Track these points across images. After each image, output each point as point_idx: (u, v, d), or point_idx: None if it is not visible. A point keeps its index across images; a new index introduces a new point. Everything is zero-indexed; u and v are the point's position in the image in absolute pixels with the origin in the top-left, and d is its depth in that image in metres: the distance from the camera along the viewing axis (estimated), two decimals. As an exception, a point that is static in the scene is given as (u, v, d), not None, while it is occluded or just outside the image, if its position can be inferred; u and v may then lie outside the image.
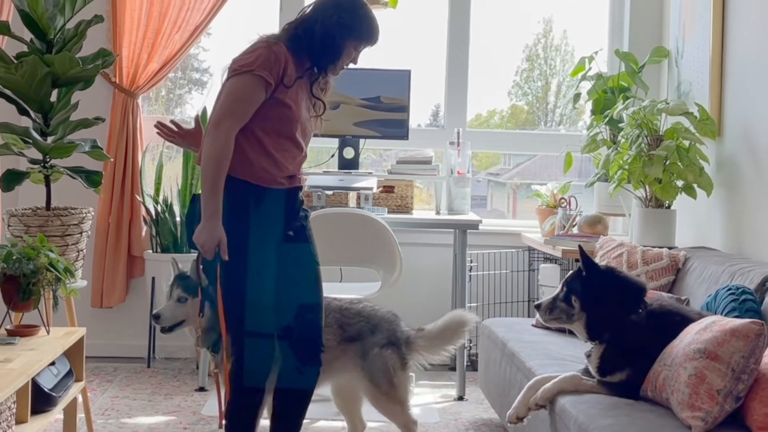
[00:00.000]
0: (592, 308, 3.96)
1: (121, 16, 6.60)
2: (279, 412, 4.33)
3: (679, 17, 6.35)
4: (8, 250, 4.58)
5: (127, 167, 6.59)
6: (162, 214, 6.55)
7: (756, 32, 5.34)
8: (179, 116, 7.12)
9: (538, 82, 7.62)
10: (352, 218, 5.67)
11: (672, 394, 3.55)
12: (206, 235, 3.95)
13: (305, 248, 4.29)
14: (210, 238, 3.95)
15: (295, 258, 4.23)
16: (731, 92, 5.62)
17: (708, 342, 3.49)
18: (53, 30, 5.29)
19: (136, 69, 6.61)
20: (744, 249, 5.33)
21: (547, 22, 7.46)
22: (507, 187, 7.89)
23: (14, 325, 4.72)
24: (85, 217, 5.38)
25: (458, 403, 5.90)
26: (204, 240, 3.96)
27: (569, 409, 3.73)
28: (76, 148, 5.34)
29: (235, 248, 4.01)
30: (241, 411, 4.22)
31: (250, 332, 4.16)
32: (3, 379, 3.75)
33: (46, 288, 4.59)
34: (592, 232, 6.10)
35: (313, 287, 4.32)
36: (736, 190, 5.49)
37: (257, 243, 4.12)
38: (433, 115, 7.36)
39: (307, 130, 4.24)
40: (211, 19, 6.66)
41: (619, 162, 5.71)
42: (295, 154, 4.18)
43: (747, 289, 4.23)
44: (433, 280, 6.88)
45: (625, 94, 6.34)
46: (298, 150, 4.18)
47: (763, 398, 3.36)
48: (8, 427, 3.98)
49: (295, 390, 4.29)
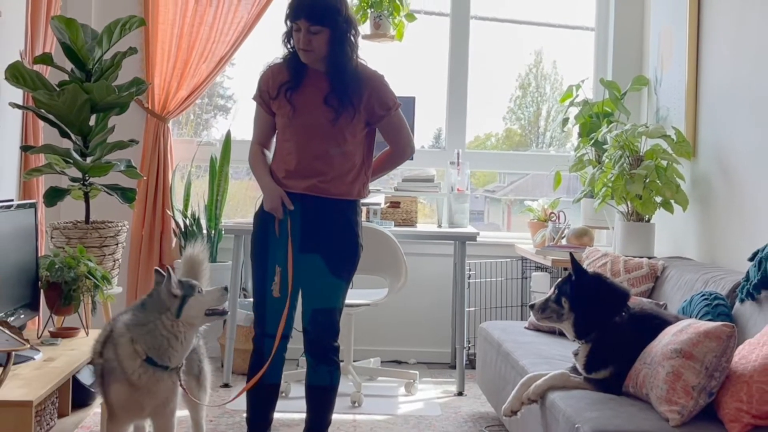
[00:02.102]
0: (580, 310, 3.95)
1: (153, 48, 6.62)
2: (308, 406, 4.33)
3: (657, 49, 6.36)
4: (51, 259, 4.60)
5: (159, 185, 6.60)
6: (190, 227, 6.55)
7: (727, 64, 5.35)
8: (205, 139, 7.12)
9: (530, 108, 7.62)
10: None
11: (651, 390, 3.55)
12: (267, 198, 4.15)
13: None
14: (271, 199, 4.13)
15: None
16: (705, 117, 5.62)
17: (684, 343, 3.49)
18: (92, 60, 5.31)
19: (166, 96, 6.63)
20: (716, 259, 5.33)
21: (538, 53, 7.47)
22: (502, 202, 7.88)
23: (56, 327, 4.74)
24: (120, 229, 5.40)
25: (458, 398, 5.89)
26: (269, 202, 4.14)
27: (558, 404, 3.73)
28: (113, 168, 5.37)
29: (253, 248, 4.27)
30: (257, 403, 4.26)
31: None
32: (46, 376, 3.77)
33: (86, 294, 4.61)
34: (579, 243, 6.10)
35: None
36: (709, 205, 5.49)
37: (259, 240, 4.25)
38: (436, 137, 7.36)
39: (313, 119, 4.13)
40: (235, 50, 6.67)
41: (603, 180, 5.71)
42: (290, 150, 4.16)
43: (719, 295, 4.23)
44: (436, 286, 6.89)
45: (609, 118, 6.33)
46: (295, 147, 4.16)
47: (734, 394, 3.36)
48: (51, 419, 3.99)
49: (316, 386, 4.30)
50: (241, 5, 6.65)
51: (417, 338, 6.94)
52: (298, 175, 4.15)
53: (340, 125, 4.11)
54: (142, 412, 3.79)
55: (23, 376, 3.74)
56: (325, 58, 4.09)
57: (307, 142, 4.13)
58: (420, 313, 6.91)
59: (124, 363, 3.65)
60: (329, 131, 4.11)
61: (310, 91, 4.14)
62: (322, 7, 4.02)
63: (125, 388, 3.67)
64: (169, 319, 3.67)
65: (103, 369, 3.73)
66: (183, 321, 3.69)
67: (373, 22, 6.66)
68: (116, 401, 3.70)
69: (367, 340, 6.82)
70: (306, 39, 4.03)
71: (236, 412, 5.24)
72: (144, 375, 3.66)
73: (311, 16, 4.00)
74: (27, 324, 4.66)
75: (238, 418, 5.18)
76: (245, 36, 6.66)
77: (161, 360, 3.68)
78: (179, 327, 3.69)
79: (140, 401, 3.71)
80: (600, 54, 7.12)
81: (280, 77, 4.18)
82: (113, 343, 3.70)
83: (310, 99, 4.13)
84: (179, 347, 3.72)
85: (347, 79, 4.10)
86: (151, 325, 3.66)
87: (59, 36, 5.23)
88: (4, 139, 5.40)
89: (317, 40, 4.03)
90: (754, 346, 3.50)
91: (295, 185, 4.15)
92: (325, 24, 4.01)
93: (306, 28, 4.01)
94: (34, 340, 4.46)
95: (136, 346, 3.65)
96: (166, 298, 3.68)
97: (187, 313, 3.69)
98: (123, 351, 3.66)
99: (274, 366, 4.22)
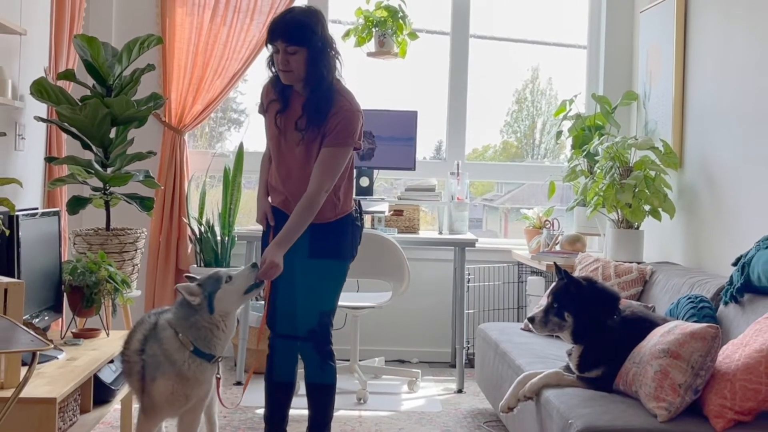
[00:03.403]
0: (579, 319, 3.95)
1: (170, 65, 6.63)
2: (309, 403, 4.32)
3: (646, 66, 6.36)
4: (74, 264, 4.61)
5: (175, 194, 6.60)
6: (205, 234, 6.56)
7: (711, 80, 5.35)
8: (219, 150, 7.13)
9: (526, 121, 7.62)
10: (367, 237, 5.65)
11: (640, 388, 3.55)
12: (257, 212, 4.40)
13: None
14: (257, 214, 4.39)
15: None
16: (691, 130, 5.63)
17: (671, 343, 3.49)
18: (112, 77, 5.32)
19: (182, 110, 6.64)
20: (702, 264, 5.33)
21: (534, 70, 7.47)
22: (499, 210, 7.87)
23: (79, 328, 4.74)
24: (139, 236, 5.41)
25: (458, 395, 5.88)
26: (257, 216, 4.39)
27: (553, 401, 3.73)
28: (132, 178, 5.38)
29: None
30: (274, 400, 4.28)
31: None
32: (69, 375, 3.78)
33: (106, 297, 4.61)
34: (572, 249, 6.11)
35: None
36: (695, 213, 5.49)
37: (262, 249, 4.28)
38: (437, 149, 7.36)
39: (288, 140, 4.13)
40: (247, 67, 6.69)
41: (595, 189, 5.71)
42: (274, 165, 4.24)
43: (704, 298, 4.23)
44: (437, 290, 6.88)
45: (600, 131, 6.33)
46: (276, 163, 4.22)
47: (718, 391, 3.36)
48: (74, 416, 4.00)
49: (316, 384, 4.31)
50: (253, 25, 6.66)
51: (419, 339, 6.94)
52: (275, 190, 4.26)
53: (306, 147, 4.08)
54: (186, 404, 3.79)
55: (47, 375, 3.75)
56: (303, 79, 4.05)
57: (280, 161, 4.18)
58: (422, 315, 6.91)
59: (173, 356, 3.65)
60: (297, 152, 4.11)
61: (292, 111, 4.13)
62: (296, 27, 3.98)
63: (173, 381, 3.67)
64: (205, 316, 3.70)
65: (145, 365, 3.73)
66: (218, 313, 3.71)
67: (378, 41, 6.67)
68: (162, 395, 3.68)
69: (372, 341, 6.83)
70: (284, 59, 3.99)
71: (249, 409, 5.25)
72: (192, 365, 3.68)
73: (287, 36, 3.96)
74: (51, 325, 4.66)
75: (250, 414, 5.18)
76: (257, 54, 6.67)
77: (208, 349, 3.71)
78: (217, 317, 3.72)
79: (187, 393, 3.72)
80: (592, 70, 7.13)
81: (271, 94, 4.20)
82: (157, 338, 3.70)
83: (290, 120, 4.13)
84: (222, 335, 3.75)
85: (318, 100, 4.04)
86: (192, 319, 3.69)
87: (81, 53, 5.25)
88: (30, 151, 5.41)
89: (295, 60, 3.99)
90: (737, 346, 3.50)
91: (273, 198, 4.28)
92: (302, 44, 3.97)
93: (283, 49, 3.98)
94: (58, 341, 4.46)
95: (182, 339, 3.67)
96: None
97: (219, 306, 3.70)
98: (170, 344, 3.67)
99: (288, 366, 4.24)
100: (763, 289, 3.96)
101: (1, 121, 4.99)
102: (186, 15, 6.67)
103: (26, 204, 5.25)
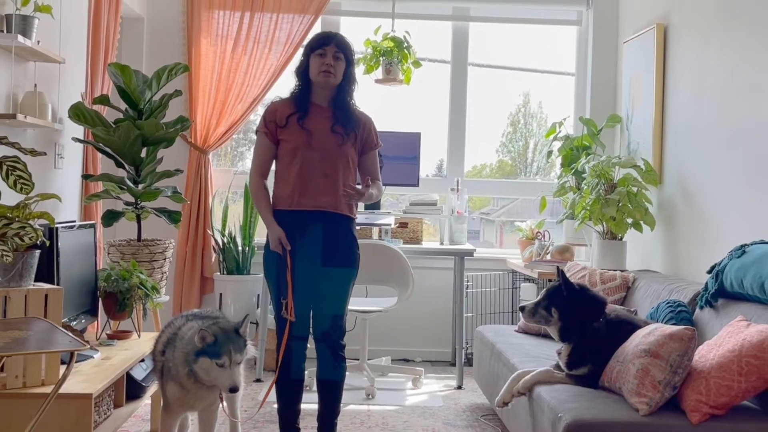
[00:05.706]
0: (567, 318, 3.96)
1: (195, 90, 6.66)
2: (320, 398, 4.30)
3: (629, 92, 6.37)
4: (108, 272, 4.62)
5: (200, 208, 6.62)
6: (227, 245, 6.57)
7: (687, 105, 5.36)
8: (240, 168, 7.15)
9: (520, 142, 7.62)
10: (375, 248, 5.68)
11: (623, 384, 3.55)
12: (272, 239, 4.14)
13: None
14: (273, 240, 4.13)
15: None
16: (669, 150, 5.63)
17: (652, 344, 3.49)
18: (143, 101, 5.34)
19: (207, 131, 6.66)
20: (679, 271, 5.33)
21: (526, 95, 7.48)
22: (495, 223, 7.87)
23: (112, 330, 4.76)
24: (167, 246, 5.42)
25: (457, 391, 5.87)
26: (273, 242, 4.13)
27: (544, 396, 3.73)
28: (161, 193, 5.39)
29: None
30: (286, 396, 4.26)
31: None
32: (104, 373, 3.79)
33: (138, 302, 4.63)
34: (562, 258, 6.11)
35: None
36: (673, 225, 5.49)
37: (271, 267, 4.21)
38: (438, 167, 7.37)
39: (323, 143, 4.12)
40: (266, 92, 6.70)
41: (582, 204, 5.71)
42: (301, 172, 4.11)
43: (682, 302, 4.23)
44: (438, 295, 6.89)
45: (587, 151, 6.34)
46: (307, 168, 4.12)
47: (695, 387, 3.36)
48: (108, 410, 4.00)
49: (327, 381, 4.30)
50: (272, 54, 6.69)
51: (422, 340, 6.94)
52: (308, 194, 4.11)
53: (345, 149, 4.15)
54: (192, 409, 3.81)
55: (84, 373, 3.76)
56: (334, 88, 4.17)
57: (318, 163, 4.11)
58: (425, 318, 6.91)
59: (177, 367, 3.64)
60: (338, 154, 4.13)
61: (317, 119, 4.16)
62: (345, 41, 4.21)
63: (178, 388, 3.68)
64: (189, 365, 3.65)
65: (164, 367, 3.75)
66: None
67: (385, 68, 6.69)
68: (172, 396, 3.70)
69: (380, 342, 6.83)
70: (330, 63, 4.11)
71: (268, 403, 5.25)
72: (188, 382, 3.64)
73: (339, 44, 4.16)
74: (87, 327, 4.67)
75: (268, 408, 5.18)
76: (275, 80, 6.70)
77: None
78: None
79: (190, 403, 3.72)
80: (579, 96, 7.14)
81: (287, 110, 4.19)
82: (174, 345, 3.70)
83: (319, 126, 4.14)
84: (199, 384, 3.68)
85: (347, 114, 4.18)
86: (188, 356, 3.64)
87: (115, 80, 5.27)
88: (68, 169, 5.43)
89: (338, 66, 4.14)
90: (711, 346, 3.50)
91: (307, 203, 4.11)
92: (346, 55, 4.17)
93: (333, 54, 4.12)
94: (94, 342, 4.48)
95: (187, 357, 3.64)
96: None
97: (197, 369, 3.62)
98: (179, 356, 3.65)
99: (298, 364, 4.22)
100: (735, 295, 3.96)
101: (42, 142, 5.01)
102: (210, 45, 6.69)
103: (65, 217, 5.26)
